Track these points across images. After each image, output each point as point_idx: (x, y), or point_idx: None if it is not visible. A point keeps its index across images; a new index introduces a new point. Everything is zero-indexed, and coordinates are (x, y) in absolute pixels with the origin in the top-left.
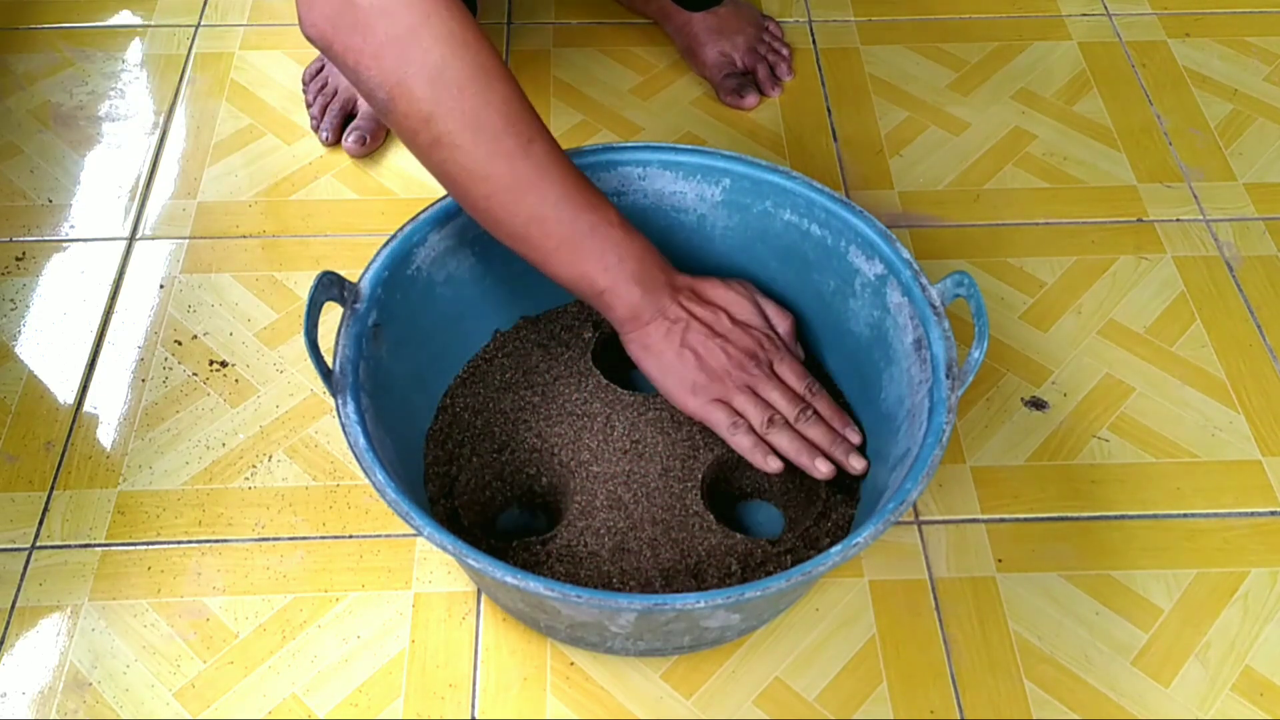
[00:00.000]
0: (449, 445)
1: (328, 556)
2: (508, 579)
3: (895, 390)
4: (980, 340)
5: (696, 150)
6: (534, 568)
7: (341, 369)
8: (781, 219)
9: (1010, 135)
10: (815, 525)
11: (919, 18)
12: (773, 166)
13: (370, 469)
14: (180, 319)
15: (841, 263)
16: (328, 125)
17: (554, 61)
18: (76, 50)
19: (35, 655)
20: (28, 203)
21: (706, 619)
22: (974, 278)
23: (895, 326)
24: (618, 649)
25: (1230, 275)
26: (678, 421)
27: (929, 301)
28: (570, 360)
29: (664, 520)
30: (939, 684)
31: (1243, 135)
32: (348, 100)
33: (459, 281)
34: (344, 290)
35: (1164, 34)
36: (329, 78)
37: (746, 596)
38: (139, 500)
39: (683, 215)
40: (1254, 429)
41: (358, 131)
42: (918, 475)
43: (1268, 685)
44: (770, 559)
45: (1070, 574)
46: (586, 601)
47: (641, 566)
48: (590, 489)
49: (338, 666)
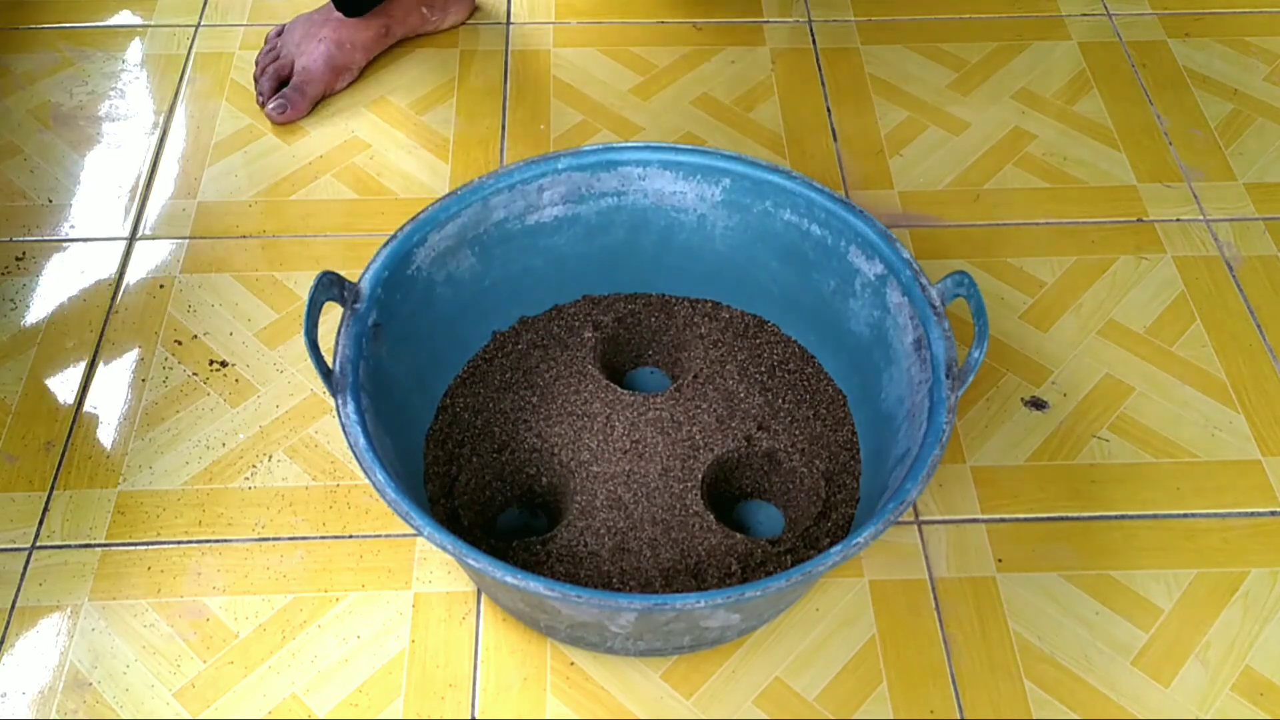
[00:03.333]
0: (449, 445)
1: (328, 556)
2: (508, 579)
3: (895, 390)
4: (980, 340)
5: (696, 150)
6: (534, 568)
7: (341, 369)
8: (781, 219)
9: (1010, 135)
10: (815, 525)
11: (919, 18)
12: (773, 166)
13: (370, 469)
14: (180, 319)
15: (841, 263)
16: (264, 88)
17: (554, 61)
18: (76, 50)
19: (35, 655)
20: (28, 203)
21: (706, 619)
22: (974, 277)
23: (895, 326)
24: (618, 649)
25: (1230, 275)
26: (677, 421)
27: (929, 301)
28: (570, 360)
29: (664, 520)
30: (939, 684)
31: (1243, 135)
32: (282, 66)
33: (458, 281)
34: (344, 290)
35: (1164, 34)
36: (276, 44)
37: (747, 596)
38: (139, 500)
39: (683, 215)
40: (1254, 429)
41: (280, 100)
42: (918, 475)
43: (1268, 685)
44: (770, 559)
45: (1070, 574)
46: (587, 601)
47: (642, 566)
48: (590, 489)
49: (338, 666)
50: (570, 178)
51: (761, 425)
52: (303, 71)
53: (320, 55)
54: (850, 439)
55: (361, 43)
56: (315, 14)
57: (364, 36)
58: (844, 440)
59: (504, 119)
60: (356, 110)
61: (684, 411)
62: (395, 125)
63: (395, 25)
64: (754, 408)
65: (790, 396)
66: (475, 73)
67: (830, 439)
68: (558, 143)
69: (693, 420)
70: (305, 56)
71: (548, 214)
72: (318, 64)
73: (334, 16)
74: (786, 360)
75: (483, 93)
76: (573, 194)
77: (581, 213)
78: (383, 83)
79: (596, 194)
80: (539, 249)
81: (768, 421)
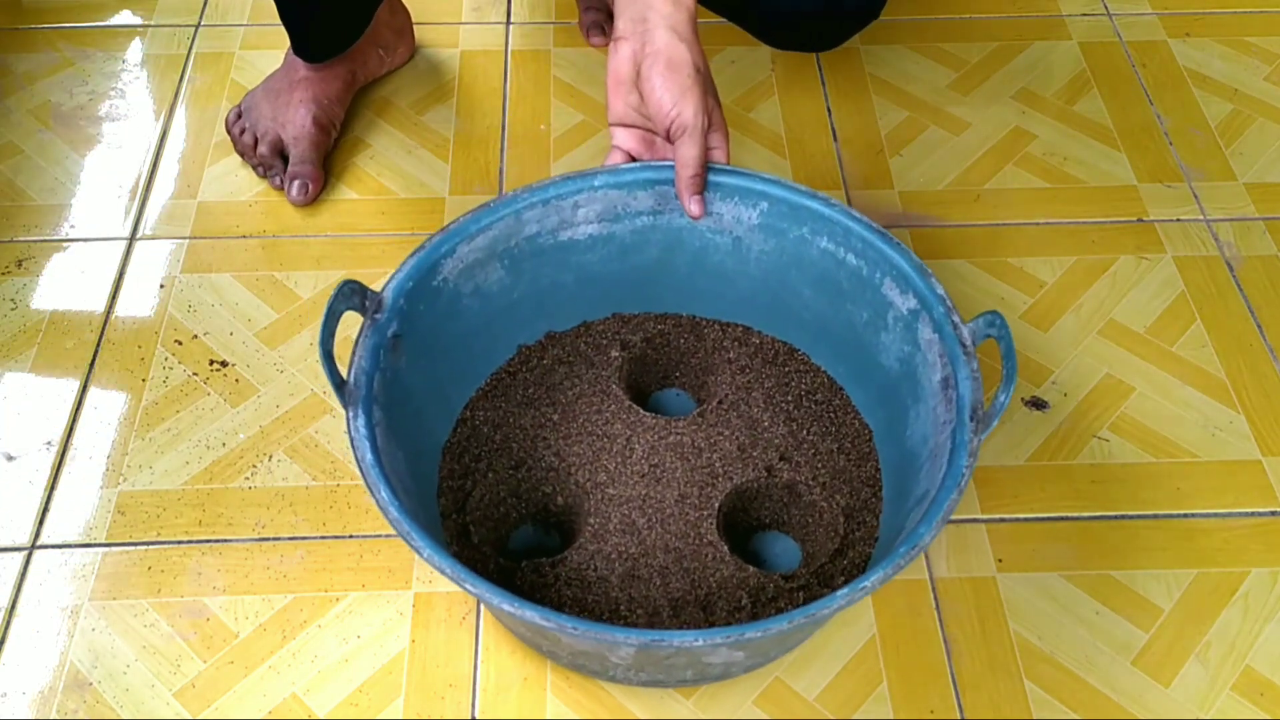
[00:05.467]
0: (465, 459)
1: (328, 556)
2: (505, 606)
3: (920, 428)
4: (1008, 384)
5: (735, 171)
6: (542, 590)
7: (355, 381)
8: (818, 246)
9: (1010, 135)
10: (831, 562)
11: (919, 18)
12: (811, 193)
13: (375, 486)
14: (180, 319)
15: (875, 294)
16: (274, 172)
17: (554, 61)
18: (76, 50)
19: (35, 655)
20: (28, 203)
21: (708, 656)
22: (974, 278)
23: (925, 363)
24: (619, 678)
25: (1230, 275)
26: (698, 448)
27: (959, 340)
28: (594, 379)
29: (677, 549)
30: (939, 684)
31: (1243, 135)
32: (274, 144)
33: (486, 294)
34: (365, 299)
35: (1164, 34)
36: (244, 126)
37: (747, 636)
38: (139, 500)
39: (719, 237)
40: (1254, 429)
41: (298, 181)
42: (932, 520)
43: (1268, 685)
44: (782, 594)
45: (1070, 574)
46: (583, 634)
47: (650, 595)
48: (605, 511)
49: (338, 666)
50: (606, 195)
51: (784, 456)
52: (297, 141)
53: (306, 119)
54: (873, 475)
55: (336, 95)
56: (272, 82)
57: (336, 89)
58: (867, 476)
59: (504, 119)
60: (356, 110)
61: (705, 438)
62: (395, 125)
63: (359, 70)
64: (777, 437)
65: (815, 428)
66: (475, 73)
67: (853, 474)
68: (558, 143)
69: (714, 447)
70: (291, 125)
71: (581, 231)
72: (308, 128)
73: (300, 78)
74: (814, 390)
75: (483, 93)
76: (608, 212)
77: (616, 231)
78: (383, 83)
79: (632, 213)
80: (570, 265)
81: (790, 452)
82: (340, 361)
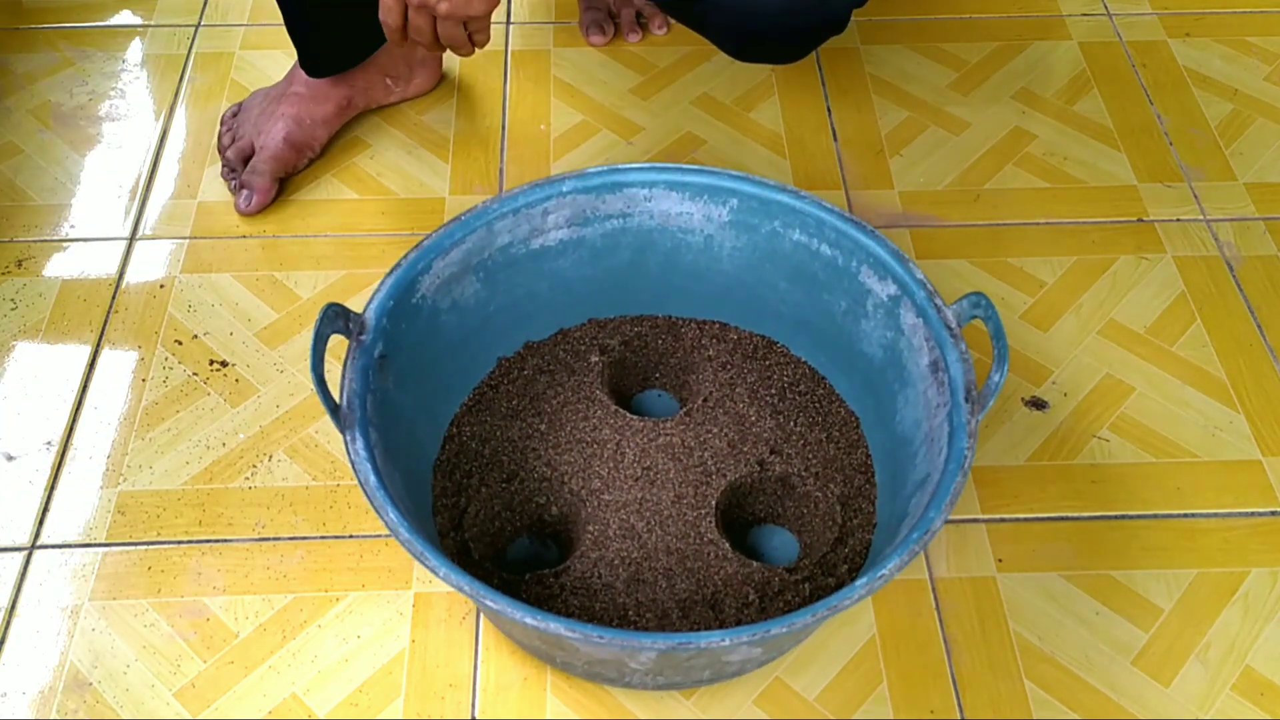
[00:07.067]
0: (456, 475)
1: (328, 556)
2: (528, 620)
3: (911, 413)
4: (1000, 363)
5: (703, 170)
6: (548, 601)
7: (349, 403)
8: (790, 239)
9: (1010, 135)
10: (832, 551)
11: (919, 18)
12: (781, 186)
13: (382, 508)
14: (180, 319)
15: (853, 283)
16: (234, 176)
17: (554, 61)
18: (76, 50)
19: (35, 655)
20: (28, 203)
21: (729, 654)
22: (974, 277)
23: (910, 348)
24: (635, 684)
25: (1230, 275)
26: (689, 447)
27: (945, 323)
28: (576, 386)
29: (679, 549)
30: (939, 684)
31: (1243, 135)
32: (243, 148)
33: (463, 308)
34: (349, 322)
35: (1164, 34)
36: (232, 125)
37: (773, 633)
38: (139, 500)
39: (690, 236)
40: (1254, 429)
41: (244, 191)
42: (941, 503)
43: (1268, 685)
44: (788, 587)
45: (1070, 574)
46: (609, 642)
47: (658, 598)
48: (602, 518)
49: (338, 666)
50: (575, 200)
51: (774, 449)
52: (261, 151)
53: (279, 134)
54: (865, 462)
55: (322, 118)
56: (273, 89)
57: (324, 111)
58: (858, 463)
59: (504, 119)
60: None
61: (695, 437)
62: (395, 125)
63: (357, 96)
64: (765, 431)
65: (802, 419)
66: (475, 73)
67: (844, 462)
68: (557, 143)
69: (704, 445)
70: (263, 136)
71: (552, 237)
72: (276, 143)
73: (292, 91)
74: (797, 382)
75: (483, 93)
76: (577, 217)
77: (586, 235)
78: None
79: (602, 216)
80: (544, 273)
81: (780, 445)
82: (329, 384)
